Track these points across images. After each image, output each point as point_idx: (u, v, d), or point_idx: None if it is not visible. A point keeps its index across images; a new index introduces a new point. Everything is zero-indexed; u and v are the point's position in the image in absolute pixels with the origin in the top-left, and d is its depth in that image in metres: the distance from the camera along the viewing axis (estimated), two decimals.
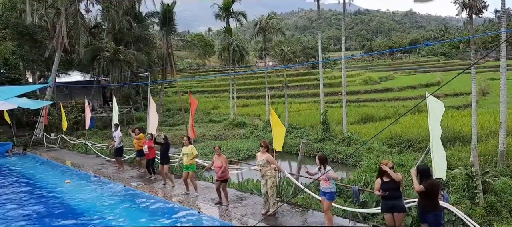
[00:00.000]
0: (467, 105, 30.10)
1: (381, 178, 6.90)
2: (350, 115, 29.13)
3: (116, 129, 15.65)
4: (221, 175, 9.68)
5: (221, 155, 9.79)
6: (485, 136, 21.20)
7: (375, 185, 7.09)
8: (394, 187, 6.74)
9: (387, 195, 6.74)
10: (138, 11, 40.37)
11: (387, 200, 6.79)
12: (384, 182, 6.83)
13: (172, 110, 42.02)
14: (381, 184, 6.87)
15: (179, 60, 77.50)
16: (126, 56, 33.90)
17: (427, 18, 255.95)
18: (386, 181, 6.81)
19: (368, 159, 18.83)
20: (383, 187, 6.81)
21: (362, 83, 52.80)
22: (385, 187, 6.78)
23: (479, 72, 47.17)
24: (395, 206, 6.75)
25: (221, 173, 9.63)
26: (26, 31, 27.69)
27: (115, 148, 15.43)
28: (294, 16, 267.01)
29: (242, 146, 23.86)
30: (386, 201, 6.84)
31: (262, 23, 34.19)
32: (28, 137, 25.13)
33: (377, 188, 6.95)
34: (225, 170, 9.68)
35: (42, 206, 11.27)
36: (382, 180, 6.87)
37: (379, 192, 6.90)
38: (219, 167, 9.62)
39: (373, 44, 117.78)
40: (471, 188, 12.63)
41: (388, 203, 6.80)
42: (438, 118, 7.43)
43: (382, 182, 6.86)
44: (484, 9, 17.87)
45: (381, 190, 6.85)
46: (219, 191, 9.87)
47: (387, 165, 6.87)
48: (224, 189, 9.89)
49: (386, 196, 6.77)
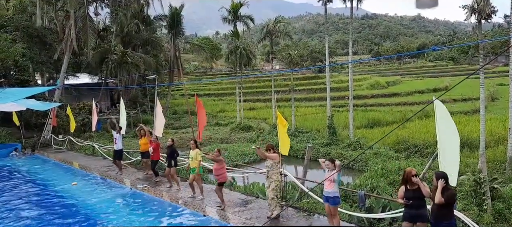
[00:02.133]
0: (475, 110, 29.79)
1: (405, 186, 6.66)
2: (357, 120, 28.98)
3: (119, 131, 15.61)
4: (217, 178, 9.85)
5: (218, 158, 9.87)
6: (494, 142, 20.96)
7: (399, 193, 6.82)
8: (419, 196, 6.49)
9: (410, 204, 6.51)
10: (146, 14, 40.67)
11: (411, 209, 6.54)
12: (408, 190, 6.59)
13: (179, 113, 42.16)
14: (405, 192, 6.63)
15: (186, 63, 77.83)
16: (134, 58, 34.15)
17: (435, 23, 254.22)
18: (411, 189, 6.56)
19: (375, 164, 18.69)
20: (407, 195, 6.57)
21: (369, 88, 52.55)
22: (409, 196, 6.54)
23: (488, 77, 46.69)
24: (419, 215, 6.50)
25: (217, 175, 9.79)
26: (36, 33, 28.01)
27: (115, 150, 15.37)
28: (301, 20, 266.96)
29: (248, 150, 23.84)
30: (409, 210, 6.58)
31: (269, 26, 34.23)
32: (36, 139, 25.38)
33: (401, 196, 6.69)
34: (220, 172, 9.74)
35: (48, 207, 11.37)
36: (406, 188, 6.63)
37: (403, 200, 6.65)
38: (215, 170, 9.81)
39: (381, 49, 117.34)
40: (479, 195, 12.49)
41: (412, 212, 6.53)
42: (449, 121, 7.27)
43: (406, 189, 6.62)
44: (493, 14, 17.70)
45: (404, 198, 6.61)
46: (216, 191, 10.00)
47: (412, 173, 6.58)
48: (217, 192, 9.98)
49: (409, 205, 6.54)
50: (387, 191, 13.51)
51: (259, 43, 47.01)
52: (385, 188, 13.94)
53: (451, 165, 7.18)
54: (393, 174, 16.00)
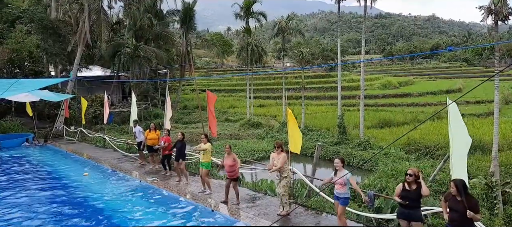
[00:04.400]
0: (489, 113, 29.33)
1: (404, 184, 6.71)
2: (367, 119, 28.76)
3: (136, 125, 15.97)
4: (231, 174, 9.81)
5: (231, 154, 9.87)
6: (507, 146, 20.61)
7: (396, 189, 6.88)
8: (415, 197, 6.55)
9: (405, 204, 6.57)
10: (159, 8, 40.91)
11: (404, 208, 6.64)
12: (406, 189, 6.63)
13: (189, 108, 42.37)
14: (402, 190, 6.68)
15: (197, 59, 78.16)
16: (146, 52, 34.38)
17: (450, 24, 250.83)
18: (409, 189, 6.59)
19: (385, 164, 18.54)
20: (403, 194, 6.63)
21: (381, 87, 52.13)
22: (405, 195, 6.59)
23: (503, 80, 45.95)
24: (411, 215, 6.57)
25: (231, 171, 9.75)
26: (50, 25, 28.36)
27: (137, 142, 15.70)
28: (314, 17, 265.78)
29: (257, 146, 23.85)
30: (402, 209, 6.70)
31: (281, 24, 34.12)
32: (49, 129, 25.77)
33: (397, 193, 6.74)
34: (234, 169, 9.77)
35: (57, 197, 11.53)
36: (404, 187, 6.68)
37: (398, 197, 6.70)
38: (229, 166, 9.73)
39: (393, 48, 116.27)
40: (490, 198, 12.32)
41: (404, 211, 6.64)
42: (461, 125, 7.19)
43: (404, 189, 6.67)
44: (510, 15, 17.37)
45: (401, 197, 6.66)
46: (228, 189, 9.97)
47: (415, 172, 6.62)
48: (234, 188, 9.99)
49: (404, 204, 6.60)
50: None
51: (270, 40, 46.95)
52: (394, 189, 13.81)
53: (462, 168, 7.12)
54: (403, 175, 15.84)
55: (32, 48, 26.45)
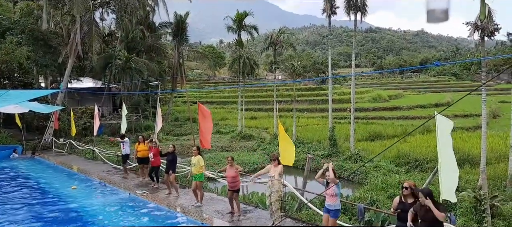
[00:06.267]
0: (477, 127, 29.73)
1: (400, 198, 6.68)
2: (358, 132, 28.95)
3: (123, 137, 15.88)
4: (233, 185, 9.80)
5: (233, 165, 9.88)
6: (495, 159, 20.87)
7: (393, 203, 6.84)
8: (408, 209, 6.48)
9: (398, 214, 6.53)
10: (152, 21, 40.99)
11: (402, 222, 6.53)
12: (402, 202, 6.59)
13: (181, 120, 42.21)
14: (399, 203, 6.65)
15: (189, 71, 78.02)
16: (138, 64, 34.33)
17: (438, 38, 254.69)
18: (405, 202, 6.55)
19: (375, 177, 18.65)
20: (400, 207, 6.58)
21: (371, 101, 52.56)
22: (402, 208, 6.54)
23: (490, 94, 46.67)
24: None
25: (233, 183, 9.74)
26: (41, 36, 28.20)
27: (122, 154, 15.58)
28: (305, 31, 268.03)
29: (248, 159, 23.82)
30: (401, 223, 6.58)
31: (273, 37, 34.42)
32: (37, 141, 25.44)
33: (394, 206, 6.70)
34: (236, 180, 9.79)
35: (46, 210, 11.35)
36: (400, 200, 6.65)
37: (392, 210, 6.69)
38: (232, 177, 9.71)
39: (384, 62, 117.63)
40: (479, 212, 12.43)
41: (402, 225, 6.50)
42: (448, 137, 7.31)
43: (400, 202, 6.64)
44: (496, 31, 17.76)
45: (396, 210, 6.60)
46: (232, 200, 9.96)
47: (411, 185, 6.60)
48: (235, 199, 9.99)
49: (402, 218, 6.51)
50: (387, 205, 13.44)
51: (262, 52, 47.26)
52: (385, 202, 13.88)
53: (451, 180, 7.19)
54: (393, 188, 15.95)
55: (22, 59, 26.24)
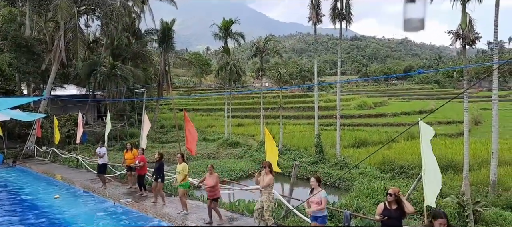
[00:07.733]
0: (459, 133, 30.29)
1: (385, 204, 6.72)
2: (344, 139, 29.17)
3: (102, 145, 15.57)
4: (212, 194, 9.71)
5: (213, 174, 9.81)
6: (477, 165, 21.26)
7: (378, 209, 6.86)
8: (396, 216, 6.55)
9: (384, 220, 6.55)
10: (138, 28, 40.71)
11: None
12: (387, 209, 6.64)
13: (167, 127, 41.86)
14: (383, 209, 6.69)
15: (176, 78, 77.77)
16: (123, 71, 33.99)
17: (421, 47, 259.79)
18: (390, 209, 6.60)
19: (361, 183, 18.77)
20: (385, 213, 6.62)
21: (357, 108, 53.09)
22: (387, 214, 6.59)
23: (472, 101, 47.72)
24: None
25: (212, 192, 9.65)
26: (24, 43, 27.74)
27: (98, 164, 15.24)
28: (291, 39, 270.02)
29: (235, 166, 23.72)
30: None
31: (259, 44, 34.56)
32: (19, 150, 24.89)
33: (379, 212, 6.73)
34: (216, 189, 9.71)
35: (29, 221, 11.08)
36: (385, 206, 6.68)
37: (377, 217, 6.71)
38: (211, 187, 9.63)
39: (369, 70, 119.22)
40: (462, 217, 12.61)
41: None
42: (428, 143, 7.47)
43: (385, 208, 6.67)
44: (477, 40, 18.19)
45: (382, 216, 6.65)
46: (211, 210, 9.87)
47: (395, 192, 6.61)
48: (214, 208, 9.89)
49: (385, 222, 6.58)
50: (373, 212, 13.53)
51: (249, 60, 47.30)
52: (371, 209, 13.96)
53: (434, 185, 7.32)
54: (379, 195, 16.07)
55: (4, 66, 25.74)
